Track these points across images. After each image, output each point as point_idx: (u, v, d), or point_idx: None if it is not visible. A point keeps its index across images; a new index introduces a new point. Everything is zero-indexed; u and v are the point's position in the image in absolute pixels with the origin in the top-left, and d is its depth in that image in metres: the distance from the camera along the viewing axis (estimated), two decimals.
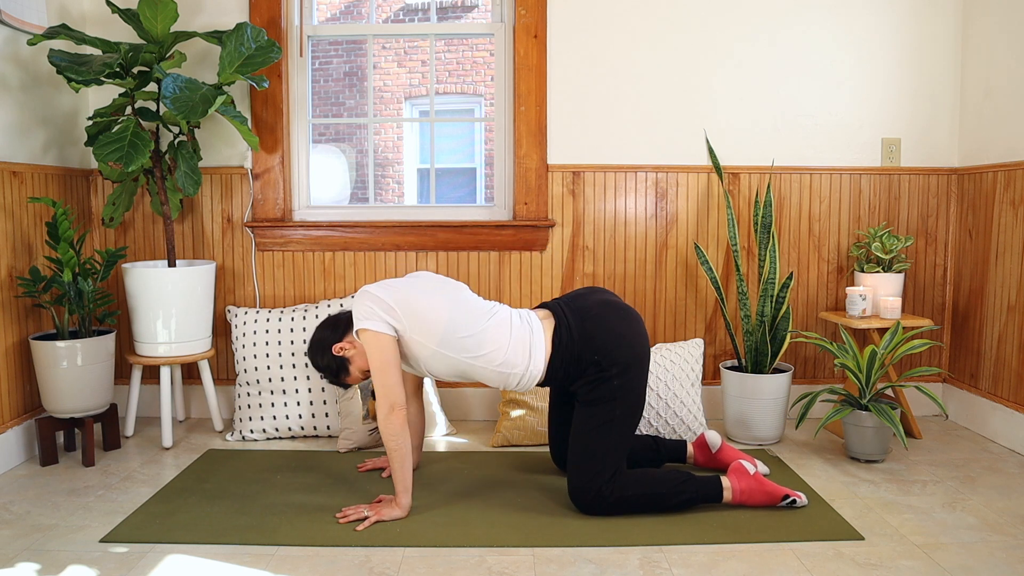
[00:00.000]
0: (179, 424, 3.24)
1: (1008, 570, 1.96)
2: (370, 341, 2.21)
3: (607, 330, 2.26)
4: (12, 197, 2.74)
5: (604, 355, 2.23)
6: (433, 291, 2.30)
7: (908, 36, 3.23)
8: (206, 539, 2.12)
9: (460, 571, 1.97)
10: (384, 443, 2.23)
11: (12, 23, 2.71)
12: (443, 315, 2.24)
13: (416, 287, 2.30)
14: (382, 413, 2.20)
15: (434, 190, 3.51)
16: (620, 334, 2.27)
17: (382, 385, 2.21)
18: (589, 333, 2.25)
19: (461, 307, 2.28)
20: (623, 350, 2.25)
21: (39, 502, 2.40)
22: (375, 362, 2.21)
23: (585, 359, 2.25)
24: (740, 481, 2.30)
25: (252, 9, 3.16)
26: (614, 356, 2.24)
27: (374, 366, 2.21)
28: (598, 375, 2.24)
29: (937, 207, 3.31)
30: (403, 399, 2.22)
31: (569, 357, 2.26)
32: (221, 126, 3.22)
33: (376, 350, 2.20)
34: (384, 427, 2.20)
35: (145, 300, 2.86)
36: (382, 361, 2.20)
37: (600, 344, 2.24)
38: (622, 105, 3.23)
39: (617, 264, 3.28)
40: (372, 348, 2.21)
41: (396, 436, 2.20)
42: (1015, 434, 2.88)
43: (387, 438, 2.20)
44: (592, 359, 2.24)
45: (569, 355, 2.26)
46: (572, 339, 2.26)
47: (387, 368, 2.20)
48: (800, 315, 3.33)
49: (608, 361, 2.23)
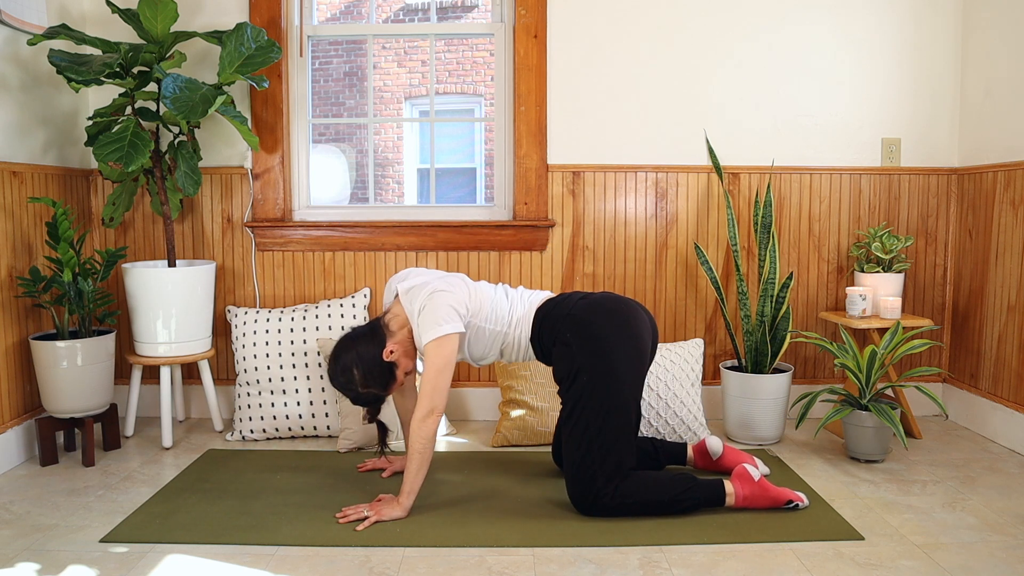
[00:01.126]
0: (179, 424, 3.24)
1: (1008, 570, 1.96)
2: (444, 343, 2.23)
3: (593, 317, 2.28)
4: (12, 197, 2.74)
5: (576, 336, 2.26)
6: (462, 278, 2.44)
7: (908, 36, 3.23)
8: (206, 539, 2.12)
9: (460, 571, 1.97)
10: (411, 443, 2.22)
11: (12, 23, 2.71)
12: (486, 292, 2.39)
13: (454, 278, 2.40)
14: (420, 414, 2.21)
15: (434, 190, 3.51)
16: (605, 328, 2.27)
17: (435, 388, 2.21)
18: (575, 312, 2.30)
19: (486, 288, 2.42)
20: (597, 342, 2.24)
21: (39, 502, 2.40)
22: (438, 363, 2.21)
23: (558, 331, 2.29)
24: (744, 487, 2.30)
25: (252, 9, 3.16)
26: (587, 343, 2.24)
27: (435, 367, 2.21)
28: (564, 356, 2.26)
29: (937, 207, 3.31)
30: (444, 407, 2.24)
31: (548, 324, 2.33)
32: (221, 126, 3.22)
33: (447, 352, 2.23)
34: (419, 429, 2.21)
35: (145, 300, 2.86)
36: (446, 362, 2.23)
37: (578, 326, 2.27)
38: (622, 105, 3.23)
39: (617, 264, 3.28)
40: (444, 350, 2.22)
41: (425, 440, 2.21)
42: (1015, 434, 2.88)
43: (416, 439, 2.21)
44: (564, 335, 2.28)
45: (549, 321, 2.33)
46: (558, 309, 2.34)
47: (447, 370, 2.23)
48: (800, 315, 3.33)
49: (579, 346, 2.25)
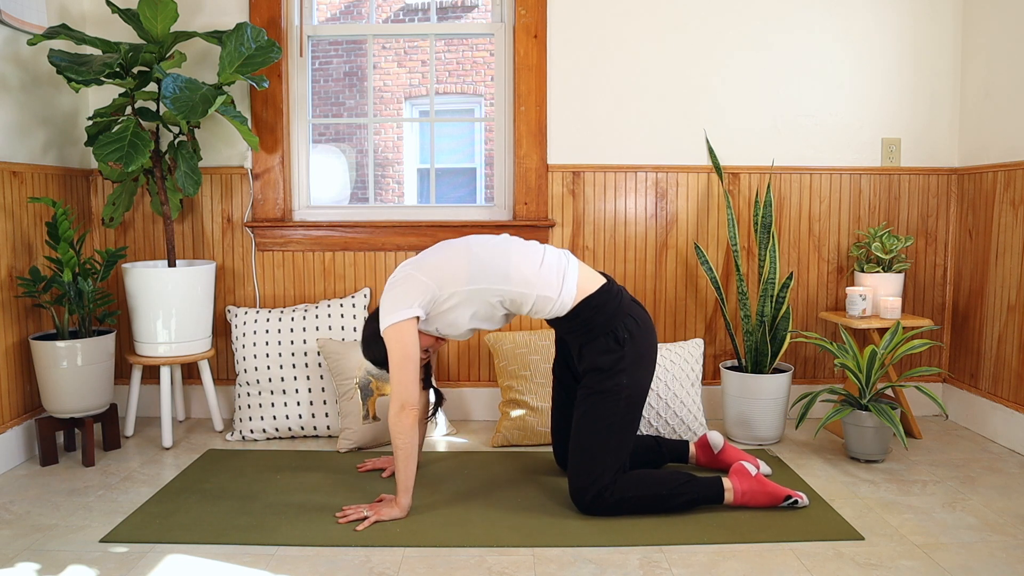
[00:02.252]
0: (179, 424, 3.24)
1: (1008, 570, 1.96)
2: (392, 336, 2.21)
3: (645, 323, 2.31)
4: (12, 197, 2.74)
5: (631, 335, 2.26)
6: (449, 243, 2.33)
7: (908, 36, 3.23)
8: (206, 539, 2.12)
9: (460, 571, 1.97)
10: (392, 440, 2.23)
11: (12, 23, 2.71)
12: (462, 255, 2.26)
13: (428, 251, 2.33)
14: (394, 410, 2.20)
15: (434, 190, 3.51)
16: (651, 333, 2.33)
17: (398, 382, 2.20)
18: (632, 312, 2.30)
19: (480, 246, 2.29)
20: (646, 346, 2.29)
21: (39, 502, 2.40)
22: (396, 357, 2.20)
23: (614, 324, 2.25)
24: (742, 483, 2.30)
25: (252, 9, 3.16)
26: (638, 343, 2.27)
27: (394, 361, 2.21)
28: (613, 349, 2.24)
29: (937, 207, 3.31)
30: (416, 398, 2.22)
31: (606, 310, 2.25)
32: (221, 126, 3.22)
33: (399, 345, 2.20)
34: (394, 424, 2.20)
35: (145, 300, 2.86)
36: (403, 356, 2.20)
37: (633, 325, 2.28)
38: (622, 105, 3.23)
39: (617, 264, 3.28)
40: (395, 343, 2.21)
41: (404, 434, 2.20)
42: (1015, 434, 2.88)
43: (395, 435, 2.20)
44: (617, 330, 2.25)
45: (608, 308, 2.26)
46: (619, 301, 2.28)
47: (406, 364, 2.20)
48: (800, 315, 3.33)
49: (631, 344, 2.25)
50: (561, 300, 2.25)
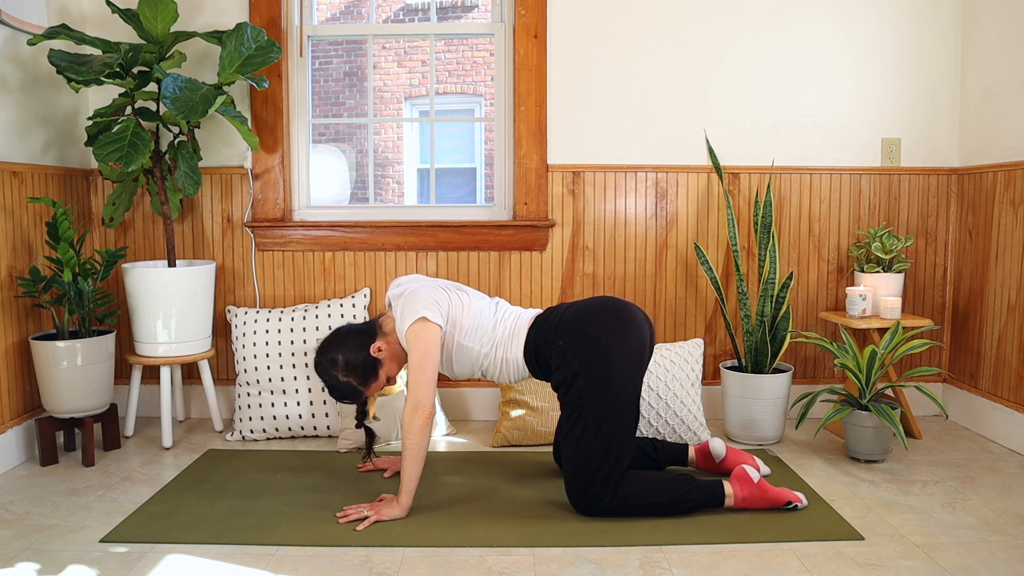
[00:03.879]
0: (179, 424, 3.24)
1: (1008, 570, 1.96)
2: (419, 334, 2.22)
3: (582, 321, 2.27)
4: (12, 197, 2.74)
5: (568, 342, 2.25)
6: (456, 287, 2.42)
7: (908, 36, 3.23)
8: (206, 539, 2.12)
9: (460, 571, 1.97)
10: (402, 440, 2.23)
11: (12, 23, 2.71)
12: (471, 309, 2.34)
13: (443, 283, 2.40)
14: (408, 408, 2.20)
15: (434, 190, 3.51)
16: (595, 328, 2.25)
17: (418, 380, 2.20)
18: (565, 319, 2.29)
19: (477, 302, 2.39)
20: (589, 344, 2.23)
21: (39, 502, 2.40)
22: (419, 354, 2.21)
23: (550, 341, 2.28)
24: (743, 489, 2.30)
25: (252, 9, 3.16)
26: (579, 346, 2.23)
27: (415, 359, 2.21)
28: (561, 364, 2.24)
29: (937, 207, 3.31)
30: (431, 402, 2.22)
31: (541, 337, 2.31)
32: (221, 126, 3.21)
33: (423, 342, 2.22)
34: (408, 424, 2.20)
35: (145, 300, 2.86)
36: (427, 354, 2.21)
37: (569, 331, 2.26)
38: (622, 105, 3.23)
39: (617, 264, 3.28)
40: (422, 340, 2.22)
41: (415, 435, 2.20)
42: (1015, 434, 2.88)
43: (407, 435, 2.20)
44: (557, 343, 2.26)
45: (541, 334, 2.31)
46: (548, 321, 2.32)
47: (426, 363, 2.21)
48: (800, 315, 3.33)
49: (572, 351, 2.23)
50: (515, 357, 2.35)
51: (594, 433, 2.20)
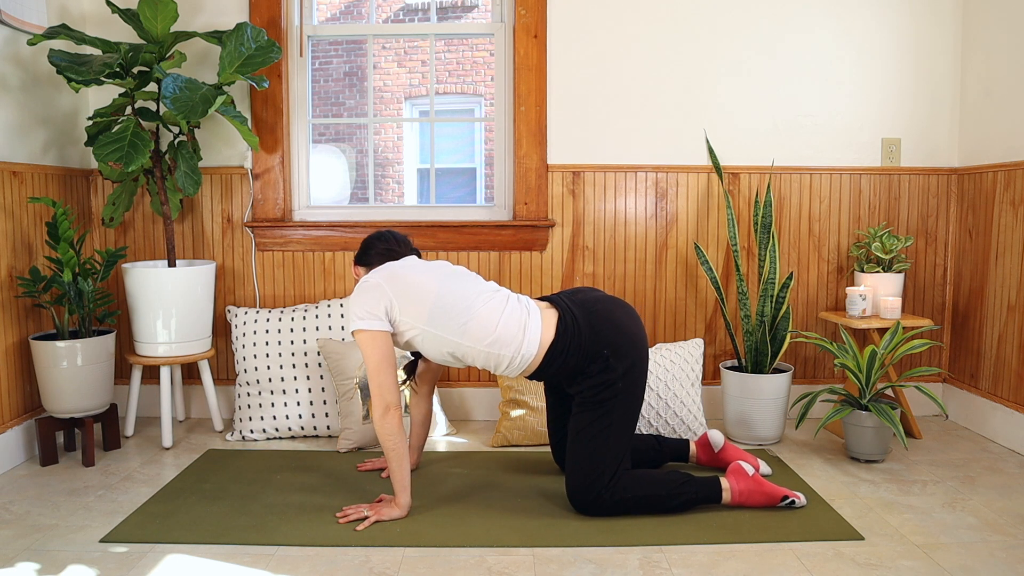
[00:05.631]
0: (179, 424, 3.24)
1: (1008, 570, 1.96)
2: (365, 341, 2.20)
3: (615, 325, 2.25)
4: (12, 197, 2.74)
5: (613, 350, 2.22)
6: (426, 270, 2.29)
7: (908, 36, 3.23)
8: (206, 539, 2.12)
9: (460, 571, 1.97)
10: (381, 443, 2.24)
11: (12, 23, 2.71)
12: (431, 291, 2.21)
13: (408, 265, 2.30)
14: (377, 413, 2.20)
15: (434, 190, 3.51)
16: (628, 329, 2.27)
17: (377, 385, 2.20)
18: (596, 327, 2.23)
19: (451, 284, 2.25)
20: (630, 347, 2.25)
21: (39, 502, 2.39)
22: (371, 362, 2.20)
23: (593, 352, 2.22)
24: (739, 483, 2.31)
25: (252, 9, 3.16)
26: (623, 351, 2.23)
27: (370, 366, 2.20)
28: (604, 371, 2.21)
29: (937, 207, 3.31)
30: (398, 399, 2.22)
31: (575, 348, 2.22)
32: (221, 126, 3.21)
33: (371, 349, 2.20)
34: (380, 427, 2.20)
35: (145, 300, 2.86)
36: (377, 360, 2.20)
37: (608, 338, 2.22)
38: (622, 105, 3.23)
39: (617, 264, 3.28)
40: (367, 348, 2.20)
41: (392, 436, 2.19)
42: (1015, 434, 2.88)
43: (383, 438, 2.20)
44: (601, 353, 2.21)
45: (575, 346, 2.22)
46: (579, 330, 2.22)
47: (382, 367, 2.19)
48: (800, 315, 3.33)
49: (617, 357, 2.22)
50: (522, 356, 2.22)
51: (616, 433, 2.22)
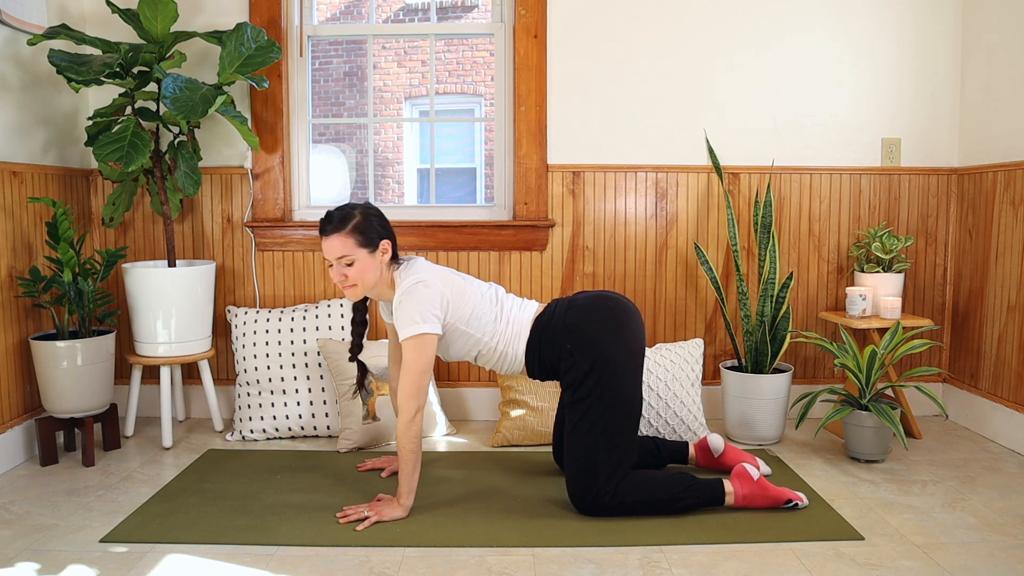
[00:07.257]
0: (179, 424, 3.24)
1: (1008, 570, 1.96)
2: (423, 345, 2.21)
3: (586, 322, 2.27)
4: (12, 197, 2.74)
5: (576, 345, 2.25)
6: (452, 271, 2.40)
7: (908, 36, 3.23)
8: (206, 539, 2.12)
9: (460, 571, 1.97)
10: (402, 444, 2.22)
11: (12, 23, 2.71)
12: (472, 292, 2.34)
13: (439, 267, 2.38)
14: (407, 416, 2.20)
15: (434, 190, 3.51)
16: (599, 329, 2.26)
17: (417, 388, 2.21)
18: (569, 321, 2.29)
19: (476, 285, 2.38)
20: (597, 345, 2.24)
21: (39, 502, 2.40)
22: (419, 365, 2.21)
23: (558, 345, 2.28)
24: (743, 486, 2.30)
25: (252, 9, 3.16)
26: (583, 346, 2.24)
27: (419, 368, 2.21)
28: (571, 369, 2.25)
29: (937, 207, 3.31)
30: (424, 404, 2.25)
31: (547, 343, 2.31)
32: (221, 126, 3.21)
33: (423, 353, 2.22)
34: (408, 430, 2.20)
35: (145, 300, 2.86)
36: (425, 363, 2.22)
37: (576, 335, 2.26)
38: (622, 105, 3.23)
39: (617, 264, 3.28)
40: (420, 351, 2.21)
41: (416, 439, 2.21)
42: (1015, 434, 2.88)
43: (408, 440, 2.20)
44: (565, 347, 2.27)
45: (546, 341, 2.31)
46: (552, 324, 2.31)
47: (427, 370, 2.23)
48: (800, 315, 3.33)
49: (580, 353, 2.24)
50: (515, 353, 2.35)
51: (600, 431, 2.21)
